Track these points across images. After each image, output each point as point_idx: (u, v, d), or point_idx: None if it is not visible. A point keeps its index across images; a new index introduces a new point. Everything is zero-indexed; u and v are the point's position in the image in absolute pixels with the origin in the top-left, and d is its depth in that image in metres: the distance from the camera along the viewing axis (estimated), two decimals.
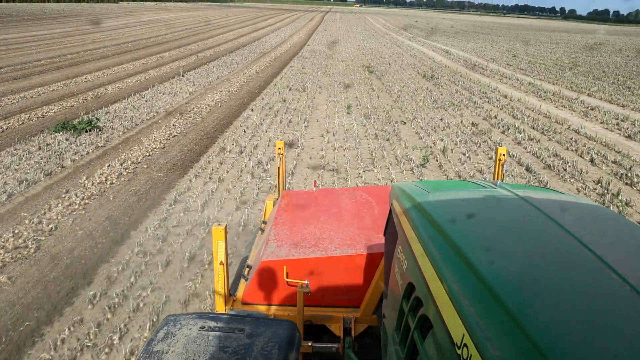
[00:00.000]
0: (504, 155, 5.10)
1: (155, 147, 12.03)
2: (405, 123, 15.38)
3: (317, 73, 26.12)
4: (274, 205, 5.48)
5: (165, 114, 15.82)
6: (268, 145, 12.45)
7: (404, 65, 31.31)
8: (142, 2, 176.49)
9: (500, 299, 1.66)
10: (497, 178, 5.18)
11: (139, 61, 28.74)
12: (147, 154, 11.50)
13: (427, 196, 2.84)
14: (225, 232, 3.65)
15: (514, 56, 40.09)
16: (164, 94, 19.27)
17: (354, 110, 16.91)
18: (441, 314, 1.83)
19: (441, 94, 21.02)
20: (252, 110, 16.76)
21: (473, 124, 15.50)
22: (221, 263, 3.70)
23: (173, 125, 14.22)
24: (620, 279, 1.70)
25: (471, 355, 1.52)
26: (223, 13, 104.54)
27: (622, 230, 2.35)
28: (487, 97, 20.55)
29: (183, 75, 23.83)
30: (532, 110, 18.23)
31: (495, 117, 16.64)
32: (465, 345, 1.58)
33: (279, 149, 5.82)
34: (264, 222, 5.24)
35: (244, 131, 13.83)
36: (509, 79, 26.95)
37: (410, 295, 2.36)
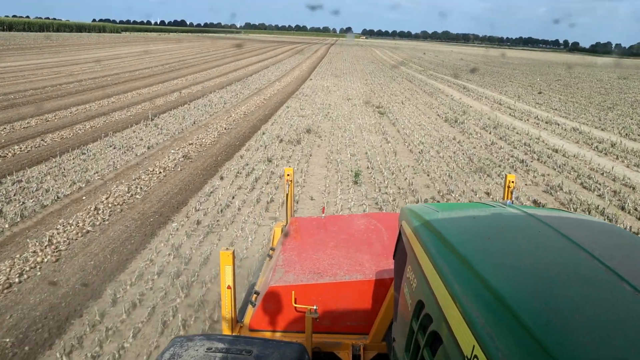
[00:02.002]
0: (512, 182, 4.97)
1: (41, 262, 7.33)
2: (439, 202, 10.67)
3: (318, 116, 21.60)
4: (282, 232, 5.24)
5: (100, 184, 11.21)
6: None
7: (419, 105, 26.82)
8: (145, 33, 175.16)
9: (510, 308, 1.62)
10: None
11: (110, 99, 24.37)
12: (17, 280, 6.80)
13: (437, 215, 2.78)
14: (233, 257, 3.60)
15: (540, 92, 35.65)
16: (114, 148, 14.71)
17: (364, 178, 12.24)
18: (450, 327, 1.78)
19: (474, 147, 16.38)
20: (223, 177, 12.10)
21: (535, 202, 10.79)
22: (228, 287, 3.60)
23: (95, 208, 9.56)
24: (633, 289, 1.66)
25: None
26: (224, 44, 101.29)
27: (632, 244, 2.29)
28: (535, 152, 15.88)
29: (152, 119, 19.32)
30: (603, 174, 13.53)
31: (561, 189, 11.93)
32: (475, 357, 1.53)
33: (288, 175, 5.68)
34: (272, 249, 5.10)
35: (197, 222, 9.12)
36: (548, 123, 22.34)
37: (419, 313, 2.30)
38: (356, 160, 13.91)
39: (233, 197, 10.54)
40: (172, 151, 14.41)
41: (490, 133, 19.16)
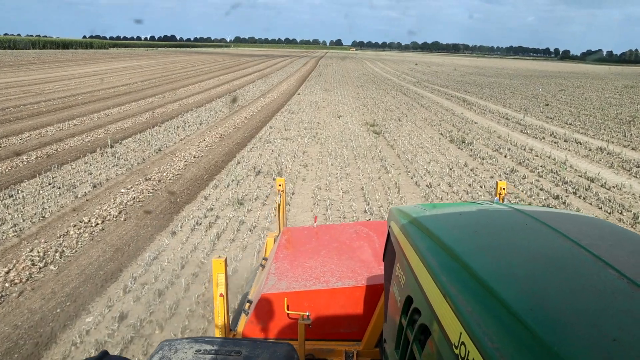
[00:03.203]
0: (504, 189, 4.89)
1: None
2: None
3: (304, 137, 18.84)
4: (274, 242, 5.30)
5: (11, 246, 8.35)
6: None
7: (418, 121, 24.13)
8: (133, 48, 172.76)
9: (496, 296, 1.61)
10: None
11: (73, 121, 21.54)
12: None
13: (424, 212, 2.80)
14: (225, 265, 3.50)
15: (547, 105, 33.09)
16: (53, 187, 11.87)
17: None
18: (438, 317, 1.79)
19: (491, 177, 13.63)
20: (176, 232, 9.24)
21: None
22: (221, 295, 3.53)
23: None
24: (618, 273, 1.68)
25: (469, 352, 1.48)
26: (212, 58, 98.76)
27: (617, 234, 2.31)
28: (567, 183, 13.14)
29: (111, 147, 16.51)
30: None
31: None
32: (463, 343, 1.54)
33: (279, 185, 5.65)
34: (265, 259, 5.10)
35: (122, 316, 6.23)
36: (567, 141, 19.67)
37: (408, 308, 2.29)
38: (350, 200, 11.09)
39: (182, 267, 7.67)
40: (122, 190, 11.57)
41: (506, 156, 16.43)
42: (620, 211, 10.78)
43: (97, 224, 9.46)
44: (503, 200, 4.90)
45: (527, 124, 24.30)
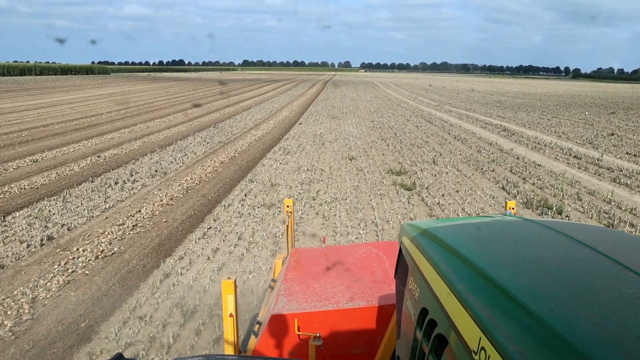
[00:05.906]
0: (513, 208, 4.78)
1: None
2: None
3: (299, 201, 12.15)
4: (283, 264, 5.18)
5: None
6: None
7: (460, 164, 17.35)
8: (134, 73, 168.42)
9: (515, 299, 1.55)
10: None
11: None
12: None
13: (436, 224, 2.73)
14: (235, 286, 3.60)
15: (612, 134, 26.26)
16: None
17: None
18: (455, 324, 1.72)
19: None
20: None
21: None
22: (231, 315, 3.64)
23: None
24: (638, 276, 1.59)
25: (489, 356, 1.41)
26: (212, 83, 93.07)
27: (632, 241, 2.21)
28: None
29: (3, 220, 9.91)
30: None
31: None
32: (482, 348, 1.47)
33: (287, 207, 5.70)
34: (274, 280, 4.98)
35: None
36: None
37: (423, 320, 2.20)
38: None
39: None
40: None
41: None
42: None
43: None
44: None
45: (611, 165, 17.44)
